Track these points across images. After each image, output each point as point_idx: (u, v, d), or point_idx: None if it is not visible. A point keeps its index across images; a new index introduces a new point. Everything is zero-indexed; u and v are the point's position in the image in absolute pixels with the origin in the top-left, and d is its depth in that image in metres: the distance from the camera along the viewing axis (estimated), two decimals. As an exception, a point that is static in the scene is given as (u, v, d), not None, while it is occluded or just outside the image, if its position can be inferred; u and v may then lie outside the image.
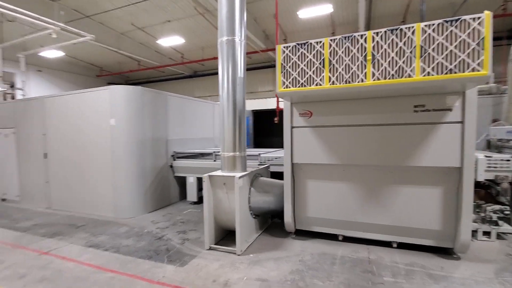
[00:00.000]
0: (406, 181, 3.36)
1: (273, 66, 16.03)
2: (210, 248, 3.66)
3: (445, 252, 3.35)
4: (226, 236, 4.02)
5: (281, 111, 4.07)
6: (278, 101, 7.74)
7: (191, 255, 3.51)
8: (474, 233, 3.76)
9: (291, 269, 3.08)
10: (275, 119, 7.81)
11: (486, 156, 3.83)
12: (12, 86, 7.72)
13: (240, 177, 3.46)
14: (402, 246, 3.52)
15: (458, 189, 3.14)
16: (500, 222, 3.74)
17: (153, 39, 14.89)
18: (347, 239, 3.78)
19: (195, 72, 19.60)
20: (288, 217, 3.84)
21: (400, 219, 3.41)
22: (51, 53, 13.64)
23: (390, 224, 3.46)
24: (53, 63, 17.12)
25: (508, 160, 3.77)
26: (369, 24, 12.46)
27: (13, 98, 10.16)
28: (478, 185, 4.08)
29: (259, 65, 16.84)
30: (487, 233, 3.73)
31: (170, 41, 13.94)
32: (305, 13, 10.78)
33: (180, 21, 12.87)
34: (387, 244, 3.57)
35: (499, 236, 3.76)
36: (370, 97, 3.28)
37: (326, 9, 10.39)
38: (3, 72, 9.07)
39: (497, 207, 3.66)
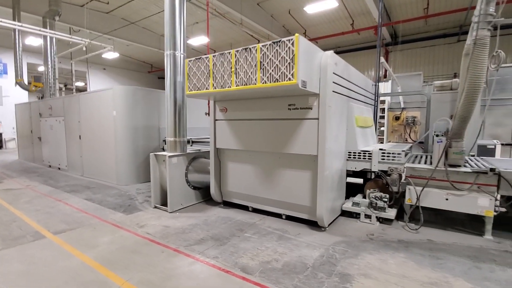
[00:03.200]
0: (288, 165, 4.14)
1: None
2: (155, 207, 5.03)
3: (318, 225, 4.05)
4: (173, 201, 5.34)
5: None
6: (209, 100, 8.84)
7: (140, 209, 4.95)
8: (357, 215, 4.31)
9: (191, 223, 4.24)
10: (206, 113, 9.11)
11: (380, 149, 4.29)
12: (66, 85, 10.30)
13: (170, 156, 4.71)
14: (292, 219, 4.32)
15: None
16: (388, 209, 4.19)
17: (186, 39, 16.86)
18: (256, 210, 4.71)
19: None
20: (212, 190, 4.96)
21: (285, 196, 4.22)
22: (109, 55, 16.63)
23: (279, 200, 4.30)
24: (113, 62, 20.68)
25: (399, 154, 4.17)
26: (388, 12, 12.00)
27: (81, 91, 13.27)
28: (377, 175, 4.52)
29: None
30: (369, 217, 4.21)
31: (200, 40, 15.60)
32: (312, 9, 11.08)
33: (206, 22, 14.39)
34: (279, 216, 4.41)
35: (386, 220, 4.20)
36: (252, 97, 4.13)
37: (330, 4, 10.52)
38: (76, 71, 12.19)
39: (379, 194, 4.13)
